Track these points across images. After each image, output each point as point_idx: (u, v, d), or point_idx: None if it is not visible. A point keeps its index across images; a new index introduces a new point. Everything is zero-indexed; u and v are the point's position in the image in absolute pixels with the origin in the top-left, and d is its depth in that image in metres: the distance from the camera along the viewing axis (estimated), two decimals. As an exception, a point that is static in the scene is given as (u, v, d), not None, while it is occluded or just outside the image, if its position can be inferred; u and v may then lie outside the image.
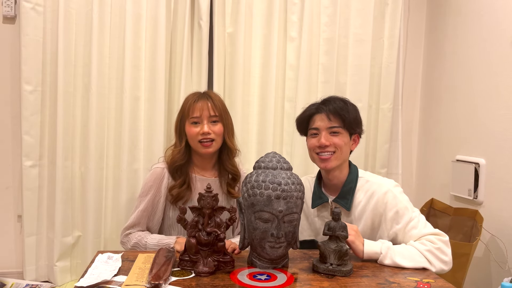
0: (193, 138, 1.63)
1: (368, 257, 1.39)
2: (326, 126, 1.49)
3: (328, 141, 1.48)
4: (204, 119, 1.62)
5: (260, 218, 1.24)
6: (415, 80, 2.63)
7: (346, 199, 1.52)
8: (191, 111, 1.63)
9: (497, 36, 2.01)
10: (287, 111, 2.34)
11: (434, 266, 1.36)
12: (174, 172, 1.66)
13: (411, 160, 2.64)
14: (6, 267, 2.21)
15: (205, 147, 1.62)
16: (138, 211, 1.64)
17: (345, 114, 1.49)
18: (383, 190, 1.48)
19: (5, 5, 2.14)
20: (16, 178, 2.20)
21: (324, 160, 1.50)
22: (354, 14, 2.37)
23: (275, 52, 2.29)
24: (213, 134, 1.62)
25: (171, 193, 1.63)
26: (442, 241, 1.40)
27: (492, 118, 2.03)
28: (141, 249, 1.57)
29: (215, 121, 1.64)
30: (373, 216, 1.50)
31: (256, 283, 1.19)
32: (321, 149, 1.49)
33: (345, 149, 1.51)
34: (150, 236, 1.59)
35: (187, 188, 1.65)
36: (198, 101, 1.64)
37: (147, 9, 2.17)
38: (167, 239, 1.56)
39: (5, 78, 2.18)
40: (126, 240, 1.63)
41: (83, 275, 1.21)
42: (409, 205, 1.48)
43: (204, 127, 1.61)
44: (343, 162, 1.53)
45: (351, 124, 1.50)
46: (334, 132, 1.49)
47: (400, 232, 1.45)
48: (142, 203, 1.64)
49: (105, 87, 2.16)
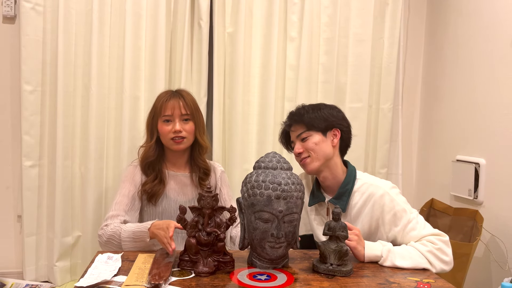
0: (165, 135, 1.69)
1: (369, 260, 1.39)
2: (295, 135, 1.56)
3: (300, 148, 1.54)
4: (176, 117, 1.68)
5: (260, 218, 1.24)
6: (415, 80, 2.63)
7: (342, 200, 1.52)
8: (163, 109, 1.69)
9: (497, 36, 2.01)
10: (287, 111, 2.30)
11: (434, 267, 1.37)
12: (146, 168, 1.72)
13: (411, 160, 2.64)
14: (6, 267, 2.21)
15: (176, 144, 1.69)
16: (115, 204, 1.66)
17: (301, 119, 1.54)
18: (379, 192, 1.48)
19: (5, 5, 2.13)
20: (16, 178, 2.20)
21: (304, 165, 1.55)
22: (354, 14, 2.37)
23: (275, 52, 2.29)
24: (184, 132, 1.68)
25: (145, 189, 1.68)
26: (443, 241, 1.40)
27: (492, 118, 2.03)
28: (116, 241, 1.52)
29: (186, 119, 1.70)
30: (370, 219, 1.49)
31: (256, 283, 1.19)
32: (299, 157, 1.55)
33: (321, 148, 1.52)
34: (125, 225, 1.56)
35: (160, 183, 1.70)
36: (170, 99, 1.70)
37: (147, 9, 2.17)
38: (143, 225, 1.50)
39: (5, 78, 2.18)
40: (102, 233, 1.56)
41: (83, 275, 1.21)
42: (407, 207, 1.47)
43: (176, 125, 1.67)
44: (326, 161, 1.53)
45: (313, 124, 1.52)
46: (302, 138, 1.54)
47: (399, 235, 1.45)
48: (118, 196, 1.68)
49: (105, 87, 2.16)
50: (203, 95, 2.28)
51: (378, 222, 1.48)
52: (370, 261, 1.39)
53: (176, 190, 1.74)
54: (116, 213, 1.63)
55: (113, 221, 1.59)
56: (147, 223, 1.50)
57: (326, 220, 1.55)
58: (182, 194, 1.75)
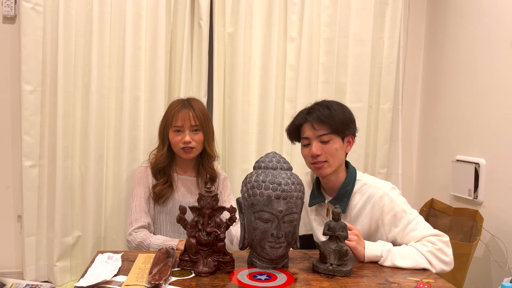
0: (175, 145, 1.78)
1: (369, 260, 1.39)
2: (315, 135, 1.48)
3: (319, 150, 1.48)
4: (186, 128, 1.77)
5: (260, 218, 1.24)
6: (415, 80, 2.63)
7: (342, 201, 1.52)
8: (174, 120, 1.77)
9: (497, 36, 2.01)
10: (287, 111, 2.34)
11: (434, 267, 1.36)
12: (156, 173, 1.82)
13: (411, 160, 2.64)
14: (6, 267, 2.21)
15: (186, 153, 1.78)
16: (134, 207, 1.75)
17: (329, 121, 1.47)
18: (379, 193, 1.48)
19: (5, 5, 2.13)
20: (16, 178, 2.20)
21: (318, 168, 1.51)
22: (354, 14, 2.37)
23: (275, 52, 2.29)
24: (193, 143, 1.77)
25: (154, 191, 1.79)
26: (443, 241, 1.40)
27: (492, 118, 2.03)
28: (145, 249, 1.65)
29: (196, 130, 1.78)
30: (370, 220, 1.49)
31: (256, 283, 1.19)
32: (314, 159, 1.49)
33: (338, 154, 1.50)
34: (154, 237, 1.67)
35: (169, 186, 1.80)
36: (181, 110, 1.78)
37: (147, 9, 2.16)
38: (170, 241, 1.63)
39: (5, 78, 2.17)
40: (131, 239, 1.70)
41: (83, 275, 1.21)
42: (407, 208, 1.47)
43: (186, 136, 1.76)
44: (338, 167, 1.53)
45: (338, 129, 1.48)
46: (324, 140, 1.48)
47: (398, 235, 1.45)
48: (135, 199, 1.77)
49: (105, 87, 2.16)
50: (203, 95, 2.28)
51: (378, 223, 1.48)
52: (370, 261, 1.39)
53: (182, 193, 1.83)
54: (139, 216, 1.74)
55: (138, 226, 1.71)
56: (174, 240, 1.63)
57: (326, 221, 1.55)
58: (188, 196, 1.83)
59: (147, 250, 1.62)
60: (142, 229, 1.72)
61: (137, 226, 1.71)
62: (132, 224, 1.72)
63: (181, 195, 1.83)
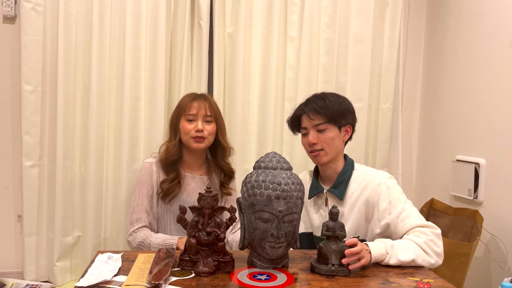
0: (186, 133, 1.72)
1: (375, 260, 1.35)
2: (312, 125, 1.56)
3: (315, 139, 1.54)
4: (199, 117, 1.72)
5: (260, 218, 1.24)
6: (415, 80, 2.63)
7: (339, 189, 1.56)
8: (188, 108, 1.73)
9: (497, 36, 2.01)
10: (287, 111, 2.33)
11: (432, 257, 1.38)
12: (168, 166, 1.74)
13: (411, 160, 2.64)
14: (6, 267, 2.21)
15: (197, 142, 1.71)
16: (136, 205, 1.72)
17: (324, 111, 1.53)
18: (376, 181, 1.52)
19: (5, 5, 2.13)
20: (16, 178, 2.20)
21: (315, 156, 1.57)
22: (354, 14, 2.37)
23: (275, 52, 2.29)
24: (205, 132, 1.72)
25: (162, 187, 1.72)
26: (435, 233, 1.42)
27: (492, 118, 2.03)
28: (145, 248, 1.64)
29: (209, 121, 1.74)
30: (366, 207, 1.52)
31: (256, 283, 1.19)
32: (311, 147, 1.56)
33: (335, 143, 1.56)
34: (154, 236, 1.65)
35: (177, 184, 1.73)
36: (196, 100, 1.75)
37: (147, 9, 2.16)
38: (170, 239, 1.61)
39: (5, 78, 2.17)
40: (131, 239, 1.69)
41: (83, 275, 1.21)
42: (402, 196, 1.51)
43: (199, 124, 1.71)
44: (336, 155, 1.57)
45: (334, 118, 1.54)
46: (320, 129, 1.54)
47: (392, 222, 1.46)
48: (138, 197, 1.73)
49: (105, 87, 2.16)
50: (203, 95, 2.28)
51: (373, 209, 1.51)
52: (376, 261, 1.35)
53: (188, 192, 1.77)
54: (140, 215, 1.71)
55: (139, 227, 1.69)
56: (174, 238, 1.61)
57: (323, 210, 1.58)
58: (195, 196, 1.74)
59: (148, 250, 1.61)
60: (142, 229, 1.71)
61: (138, 227, 1.70)
62: (133, 224, 1.70)
63: (187, 194, 1.77)
